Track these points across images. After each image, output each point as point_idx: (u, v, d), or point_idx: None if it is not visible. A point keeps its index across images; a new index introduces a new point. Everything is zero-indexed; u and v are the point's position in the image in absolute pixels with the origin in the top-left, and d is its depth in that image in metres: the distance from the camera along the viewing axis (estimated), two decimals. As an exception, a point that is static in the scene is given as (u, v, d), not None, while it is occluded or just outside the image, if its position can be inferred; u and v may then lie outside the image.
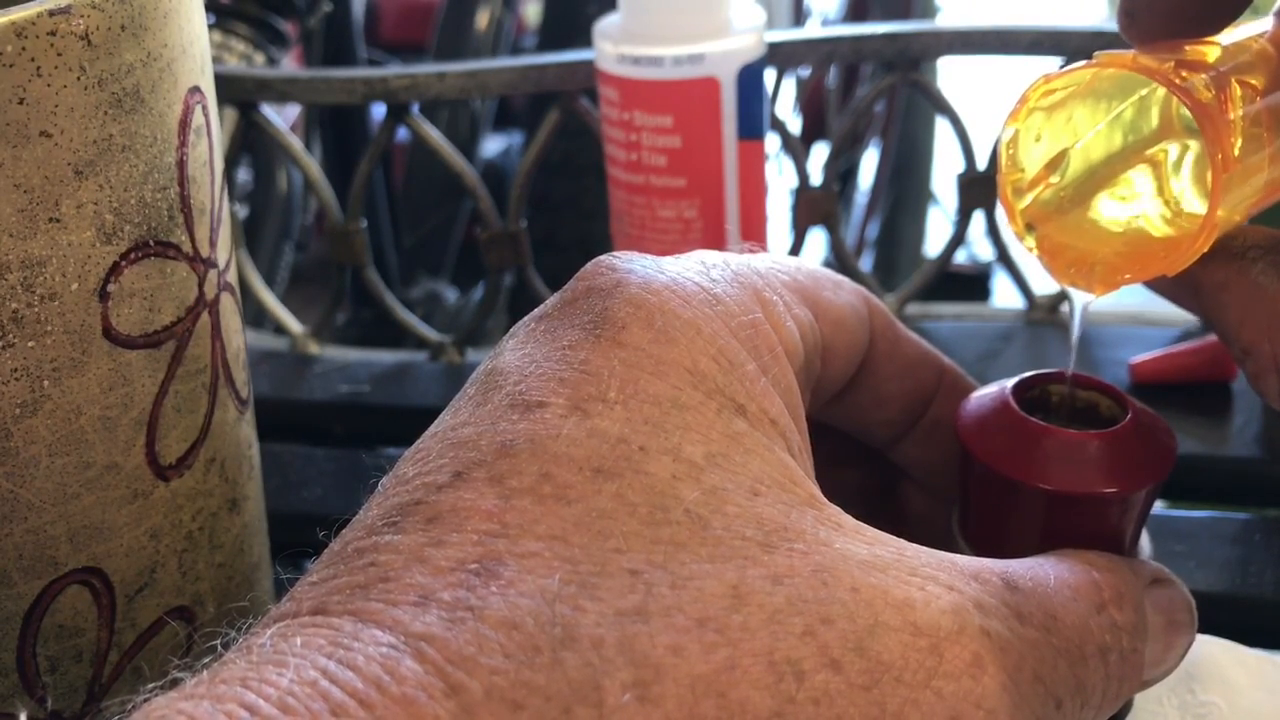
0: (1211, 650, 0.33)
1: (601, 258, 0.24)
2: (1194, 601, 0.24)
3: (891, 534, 0.31)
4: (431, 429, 0.22)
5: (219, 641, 0.19)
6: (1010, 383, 0.26)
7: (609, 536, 0.19)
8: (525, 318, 0.24)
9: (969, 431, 0.25)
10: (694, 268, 0.23)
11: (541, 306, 0.24)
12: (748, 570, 0.19)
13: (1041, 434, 0.24)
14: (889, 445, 0.29)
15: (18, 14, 0.23)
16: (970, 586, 0.20)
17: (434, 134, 0.52)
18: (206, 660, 0.18)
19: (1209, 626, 0.34)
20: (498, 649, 0.17)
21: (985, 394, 0.26)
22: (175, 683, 0.18)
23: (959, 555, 0.21)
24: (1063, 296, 0.54)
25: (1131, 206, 0.26)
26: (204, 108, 0.28)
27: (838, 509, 0.21)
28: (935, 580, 0.20)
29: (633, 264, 0.23)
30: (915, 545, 0.21)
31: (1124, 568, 0.23)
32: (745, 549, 0.19)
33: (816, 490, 0.21)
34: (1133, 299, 0.59)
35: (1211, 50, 0.24)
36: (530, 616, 0.17)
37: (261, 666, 0.17)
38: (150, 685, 0.18)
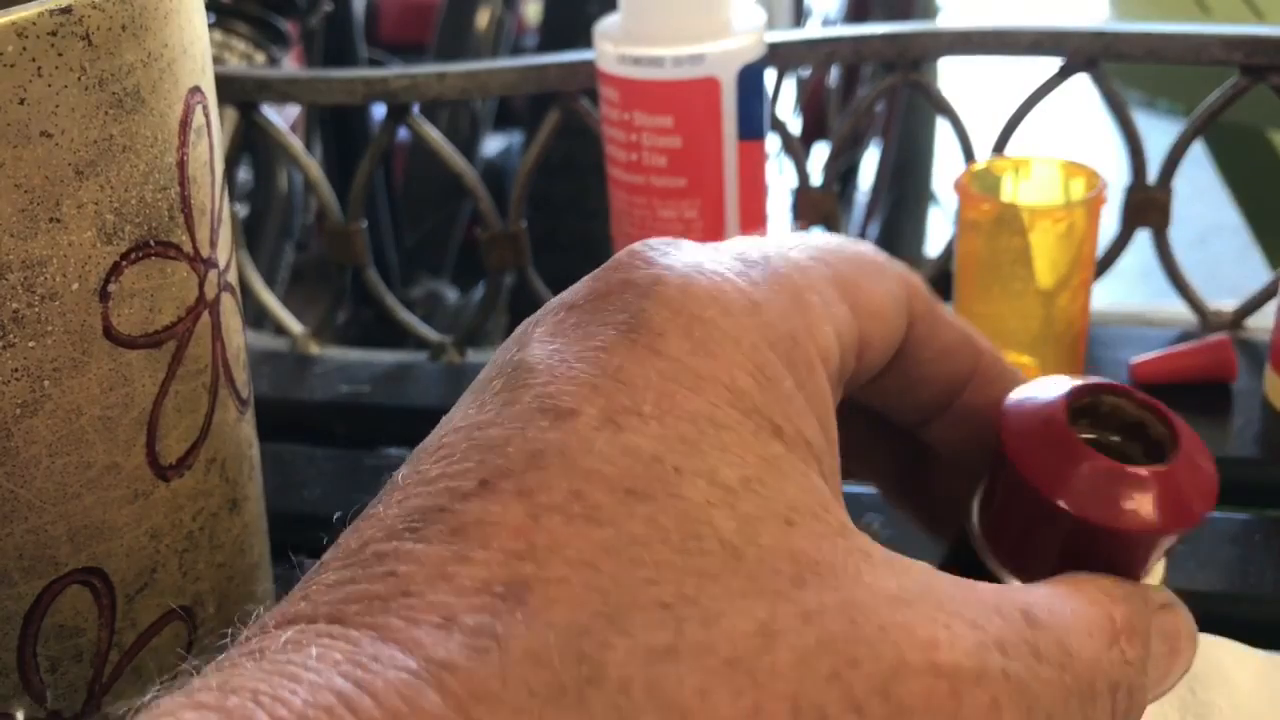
0: (1212, 650, 0.33)
1: (637, 246, 0.23)
2: (1196, 628, 0.24)
3: (917, 507, 0.30)
4: (455, 419, 0.21)
5: (227, 636, 0.18)
6: (1064, 389, 0.25)
7: (640, 565, 0.18)
8: (553, 302, 0.23)
9: (1012, 436, 0.24)
10: (734, 268, 0.22)
11: (571, 292, 0.23)
12: (779, 607, 0.18)
13: (1087, 458, 0.23)
14: (918, 426, 0.28)
15: (18, 14, 0.23)
16: (993, 623, 0.20)
17: (434, 134, 0.52)
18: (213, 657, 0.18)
19: (1209, 626, 0.34)
20: (522, 686, 0.16)
21: (1035, 396, 0.25)
22: (182, 676, 0.17)
23: (983, 584, 0.21)
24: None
25: None
26: (204, 108, 0.28)
27: (866, 537, 0.20)
28: (960, 617, 0.19)
29: (671, 259, 0.22)
30: (940, 574, 0.21)
31: (1138, 599, 0.23)
32: (776, 583, 0.18)
33: (846, 518, 0.21)
34: (1132, 299, 0.59)
35: None
36: (557, 651, 0.17)
37: (274, 678, 0.16)
38: (160, 680, 0.17)
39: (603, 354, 0.20)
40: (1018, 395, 0.25)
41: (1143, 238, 0.51)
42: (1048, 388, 0.25)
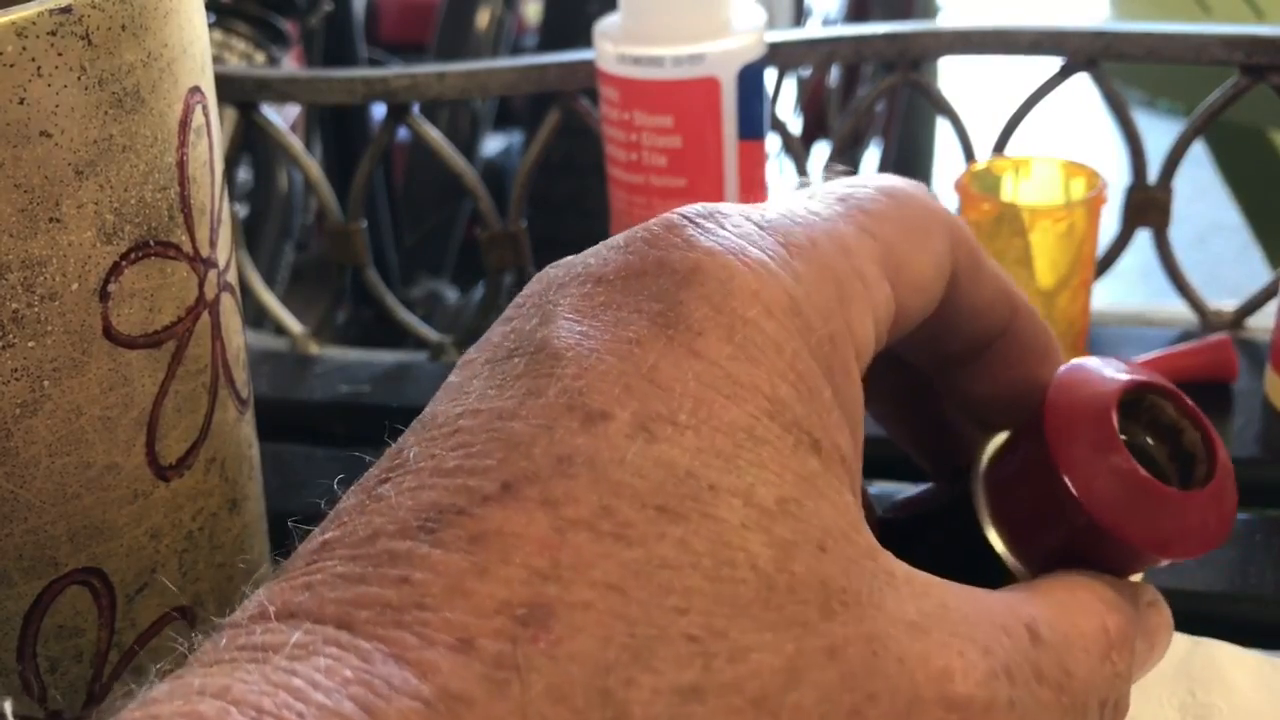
0: (1212, 652, 0.33)
1: (675, 219, 0.21)
2: (1172, 620, 0.24)
3: (914, 439, 0.29)
4: (471, 398, 0.19)
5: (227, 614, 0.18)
6: (1118, 381, 0.24)
7: (669, 592, 0.17)
8: (579, 267, 0.21)
9: (1055, 419, 0.23)
10: (778, 255, 0.20)
11: (599, 260, 0.21)
12: (805, 641, 0.18)
13: (1126, 466, 0.22)
14: (936, 373, 0.27)
15: (18, 14, 0.23)
16: (1002, 646, 0.20)
17: (434, 134, 0.52)
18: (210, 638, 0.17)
19: (1209, 626, 0.34)
20: None
21: (1087, 381, 0.24)
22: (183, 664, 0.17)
23: (991, 597, 0.21)
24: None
25: None
26: (204, 108, 0.28)
27: (888, 555, 0.20)
28: (973, 642, 0.19)
29: (711, 241, 0.20)
30: (956, 591, 0.20)
31: (1130, 605, 0.23)
32: (805, 615, 0.18)
33: (872, 537, 0.20)
34: (1133, 299, 0.59)
35: None
36: (580, 689, 0.16)
37: (280, 694, 0.15)
38: (156, 671, 0.17)
39: (636, 349, 0.19)
40: (1070, 374, 0.24)
41: (1143, 237, 0.51)
42: (1102, 375, 0.24)
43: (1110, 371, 0.24)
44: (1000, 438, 0.26)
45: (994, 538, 0.24)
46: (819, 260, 0.21)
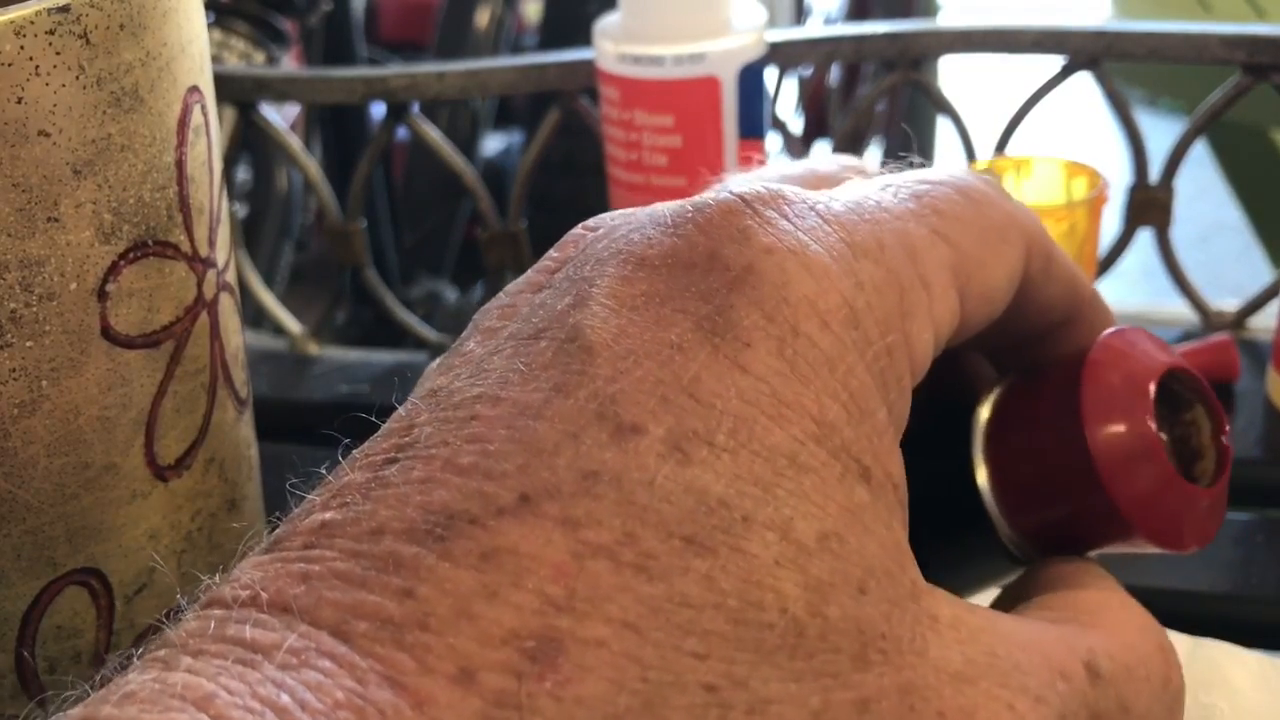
0: (1213, 653, 0.33)
1: (733, 201, 0.19)
2: None
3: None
4: (491, 380, 0.18)
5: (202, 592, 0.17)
6: (1161, 367, 0.23)
7: (688, 634, 0.16)
8: (620, 239, 0.19)
9: (1092, 396, 0.22)
10: (842, 257, 0.19)
11: (643, 236, 0.19)
12: (834, 694, 0.16)
13: (1157, 459, 0.22)
14: (986, 353, 0.25)
15: (16, 13, 0.23)
16: (1057, 692, 0.18)
17: (434, 133, 0.52)
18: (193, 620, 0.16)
19: (1212, 627, 0.34)
20: None
21: (1132, 358, 0.23)
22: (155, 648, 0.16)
23: (1048, 631, 0.20)
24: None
25: None
26: (203, 107, 0.28)
27: (935, 594, 0.18)
28: (1025, 693, 0.18)
29: (770, 236, 0.19)
30: (1009, 632, 0.19)
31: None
32: (836, 664, 0.17)
33: (919, 574, 0.19)
34: (1134, 299, 0.59)
35: None
36: None
37: (266, 713, 0.15)
38: (138, 652, 0.16)
39: (677, 355, 0.17)
40: (1126, 335, 0.23)
41: (1145, 237, 0.51)
42: (1146, 358, 0.23)
43: (1153, 354, 0.23)
44: (1010, 379, 0.24)
45: (981, 476, 0.23)
46: (884, 264, 0.19)
